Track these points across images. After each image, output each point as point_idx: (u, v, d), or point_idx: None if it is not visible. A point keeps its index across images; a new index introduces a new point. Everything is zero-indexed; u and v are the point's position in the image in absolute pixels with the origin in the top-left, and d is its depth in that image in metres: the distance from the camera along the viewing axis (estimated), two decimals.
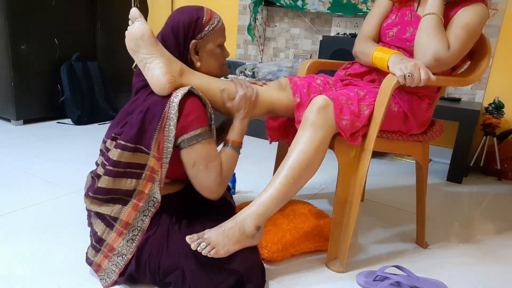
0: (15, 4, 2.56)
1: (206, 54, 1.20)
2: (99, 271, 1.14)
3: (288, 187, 1.15)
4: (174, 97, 1.08)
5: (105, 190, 1.12)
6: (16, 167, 1.99)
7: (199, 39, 1.18)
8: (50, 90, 2.87)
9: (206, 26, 1.17)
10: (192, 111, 1.09)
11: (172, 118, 1.07)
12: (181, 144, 1.10)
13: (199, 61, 1.20)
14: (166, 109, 1.08)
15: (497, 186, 2.28)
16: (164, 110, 1.08)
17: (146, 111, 1.10)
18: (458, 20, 1.24)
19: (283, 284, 1.20)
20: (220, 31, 1.21)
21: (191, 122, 1.09)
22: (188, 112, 1.08)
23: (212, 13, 1.19)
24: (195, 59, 1.19)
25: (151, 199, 1.13)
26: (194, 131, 1.09)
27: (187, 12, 1.17)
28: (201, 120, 1.10)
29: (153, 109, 1.09)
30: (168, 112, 1.07)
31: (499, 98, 2.42)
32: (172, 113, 1.07)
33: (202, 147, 1.10)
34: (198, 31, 1.17)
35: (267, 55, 3.27)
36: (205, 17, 1.17)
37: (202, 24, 1.17)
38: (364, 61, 1.36)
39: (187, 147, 1.10)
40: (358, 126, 1.19)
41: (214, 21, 1.19)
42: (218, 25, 1.20)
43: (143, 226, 1.13)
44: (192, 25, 1.16)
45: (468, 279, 1.31)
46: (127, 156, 1.10)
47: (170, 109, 1.07)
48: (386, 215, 1.77)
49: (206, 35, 1.18)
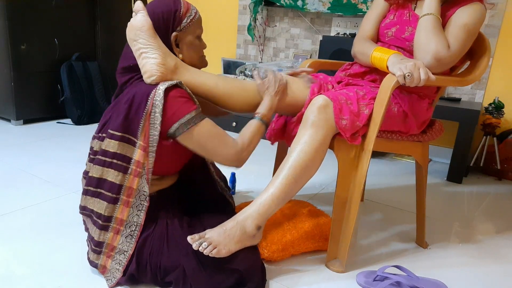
0: (15, 4, 2.56)
1: (186, 46, 1.20)
2: (105, 273, 1.14)
3: (289, 187, 1.15)
4: (161, 85, 1.08)
5: (95, 180, 1.12)
6: (16, 167, 1.99)
7: (179, 32, 1.17)
8: (50, 90, 2.87)
9: (184, 18, 1.16)
10: (179, 97, 1.08)
11: (158, 105, 1.06)
12: (177, 131, 1.08)
13: (180, 53, 1.19)
14: (152, 95, 1.07)
15: (497, 186, 2.28)
16: (149, 97, 1.07)
17: (132, 99, 1.09)
18: (456, 20, 1.24)
19: (283, 284, 1.20)
20: (198, 23, 1.20)
21: (181, 106, 1.08)
22: (176, 99, 1.08)
23: (188, 5, 1.18)
24: (176, 52, 1.18)
25: (142, 194, 1.12)
26: (189, 114, 1.08)
27: (164, 5, 1.15)
28: (191, 104, 1.10)
29: (139, 97, 1.09)
30: (154, 99, 1.07)
31: (499, 98, 2.42)
32: (158, 99, 1.06)
33: (201, 128, 1.10)
34: (177, 23, 1.16)
35: (267, 55, 3.27)
36: (182, 9, 1.16)
37: (180, 16, 1.16)
38: (363, 62, 1.36)
39: (185, 132, 1.09)
40: (358, 126, 1.19)
41: (191, 13, 1.18)
42: (196, 17, 1.19)
43: (139, 221, 1.12)
44: (171, 18, 1.15)
45: (468, 279, 1.31)
46: (114, 145, 1.10)
47: (155, 96, 1.07)
48: (386, 215, 1.77)
49: (185, 27, 1.17)
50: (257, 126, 1.20)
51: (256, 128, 1.19)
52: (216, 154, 1.13)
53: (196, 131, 1.09)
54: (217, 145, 1.12)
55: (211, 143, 1.11)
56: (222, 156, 1.14)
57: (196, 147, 1.12)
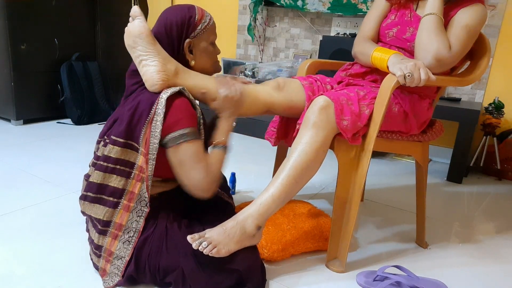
0: (15, 4, 2.56)
1: (200, 52, 1.20)
2: (104, 276, 1.14)
3: (289, 187, 1.15)
4: (163, 93, 1.09)
5: (96, 186, 1.12)
6: (16, 167, 1.99)
7: (193, 38, 1.18)
8: (50, 90, 2.87)
9: (199, 24, 1.17)
10: (181, 110, 1.09)
11: (159, 113, 1.07)
12: (168, 143, 1.09)
13: (193, 59, 1.20)
14: (155, 104, 1.08)
15: (497, 186, 2.28)
16: (153, 106, 1.08)
17: (136, 107, 1.10)
18: (458, 21, 1.24)
19: (283, 284, 1.20)
20: (212, 29, 1.21)
21: (179, 120, 1.08)
22: (177, 110, 1.08)
23: (203, 11, 1.19)
24: (189, 58, 1.19)
25: (143, 199, 1.12)
26: (183, 129, 1.08)
27: (179, 12, 1.16)
28: (190, 120, 1.10)
29: (143, 105, 1.10)
30: (156, 108, 1.08)
31: (499, 98, 2.42)
32: (160, 108, 1.07)
33: (189, 147, 1.09)
34: (191, 30, 1.17)
35: (267, 55, 3.27)
36: (197, 16, 1.17)
37: (195, 23, 1.17)
38: (364, 62, 1.36)
39: (174, 146, 1.08)
40: (359, 126, 1.19)
41: (206, 19, 1.19)
42: (210, 23, 1.20)
43: (138, 227, 1.12)
44: (185, 24, 1.16)
45: (468, 279, 1.31)
46: (116, 151, 1.10)
47: (158, 105, 1.08)
48: (386, 215, 1.77)
49: (199, 33, 1.18)
50: (220, 155, 1.18)
51: (218, 157, 1.17)
52: (189, 177, 1.11)
53: (183, 148, 1.09)
54: (194, 170, 1.10)
55: (189, 166, 1.10)
56: (194, 181, 1.11)
57: (176, 163, 1.11)
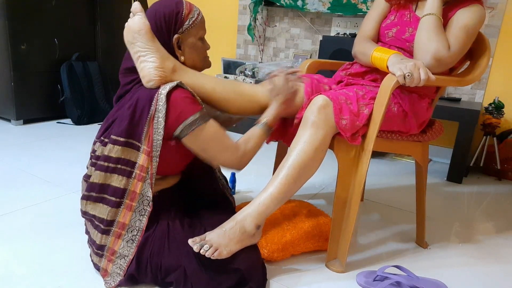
0: (15, 4, 2.56)
1: (189, 48, 1.19)
2: (105, 276, 1.13)
3: (288, 186, 1.15)
4: (162, 89, 1.08)
5: (98, 186, 1.12)
6: (16, 167, 1.99)
7: (181, 34, 1.16)
8: (50, 90, 2.87)
9: (187, 20, 1.15)
10: (182, 99, 1.08)
11: (161, 110, 1.06)
12: (182, 133, 1.08)
13: (182, 55, 1.19)
14: (155, 101, 1.07)
15: (497, 186, 2.28)
16: (152, 103, 1.07)
17: (136, 105, 1.09)
18: (457, 21, 1.25)
19: (283, 284, 1.20)
20: (200, 24, 1.19)
21: (184, 109, 1.07)
22: (178, 102, 1.07)
23: (191, 6, 1.17)
24: (178, 54, 1.18)
25: (145, 198, 1.12)
26: (192, 116, 1.08)
27: (166, 6, 1.14)
28: (194, 106, 1.09)
29: (142, 102, 1.09)
30: (157, 104, 1.07)
31: (499, 98, 2.42)
32: (160, 104, 1.06)
33: (206, 130, 1.10)
34: (179, 25, 1.15)
35: (267, 55, 3.27)
36: (184, 11, 1.15)
37: (182, 18, 1.15)
38: (364, 62, 1.36)
39: (190, 134, 1.08)
40: (358, 126, 1.19)
41: (193, 14, 1.17)
42: (198, 18, 1.18)
43: (141, 226, 1.12)
44: (173, 20, 1.14)
45: (468, 279, 1.31)
46: (117, 151, 1.10)
47: (158, 101, 1.07)
48: (386, 215, 1.77)
49: (187, 29, 1.16)
50: (260, 132, 1.21)
51: (260, 134, 1.21)
52: (217, 158, 1.14)
53: (200, 133, 1.09)
54: (219, 149, 1.13)
55: (213, 147, 1.12)
56: (223, 160, 1.15)
57: (199, 150, 1.12)
